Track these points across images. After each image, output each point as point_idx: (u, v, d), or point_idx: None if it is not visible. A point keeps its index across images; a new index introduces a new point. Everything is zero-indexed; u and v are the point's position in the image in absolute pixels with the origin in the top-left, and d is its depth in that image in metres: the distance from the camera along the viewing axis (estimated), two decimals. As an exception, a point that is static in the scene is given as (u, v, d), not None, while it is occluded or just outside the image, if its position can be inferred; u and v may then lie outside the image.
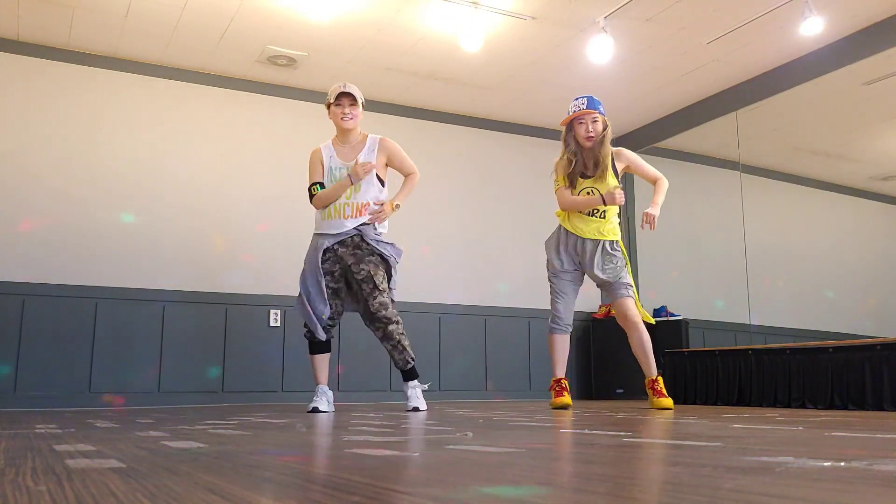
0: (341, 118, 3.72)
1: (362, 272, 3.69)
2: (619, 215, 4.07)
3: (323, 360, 3.78)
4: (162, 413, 3.54)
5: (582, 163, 3.91)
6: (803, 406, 3.81)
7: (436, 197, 5.91)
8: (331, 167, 3.75)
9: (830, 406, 3.68)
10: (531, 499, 0.81)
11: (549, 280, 4.02)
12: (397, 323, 3.72)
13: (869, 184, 5.78)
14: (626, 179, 6.69)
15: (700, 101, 5.88)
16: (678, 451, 1.39)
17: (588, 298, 6.11)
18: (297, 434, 2.06)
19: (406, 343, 3.75)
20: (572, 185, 3.92)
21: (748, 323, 5.52)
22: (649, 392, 3.90)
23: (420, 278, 5.71)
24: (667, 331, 6.00)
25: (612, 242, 3.93)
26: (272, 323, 5.20)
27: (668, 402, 3.79)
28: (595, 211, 3.90)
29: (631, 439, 1.73)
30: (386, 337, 3.72)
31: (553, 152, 4.11)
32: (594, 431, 2.04)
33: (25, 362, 4.53)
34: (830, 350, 3.78)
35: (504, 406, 4.38)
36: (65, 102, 4.90)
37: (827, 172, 5.98)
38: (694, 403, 4.46)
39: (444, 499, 0.82)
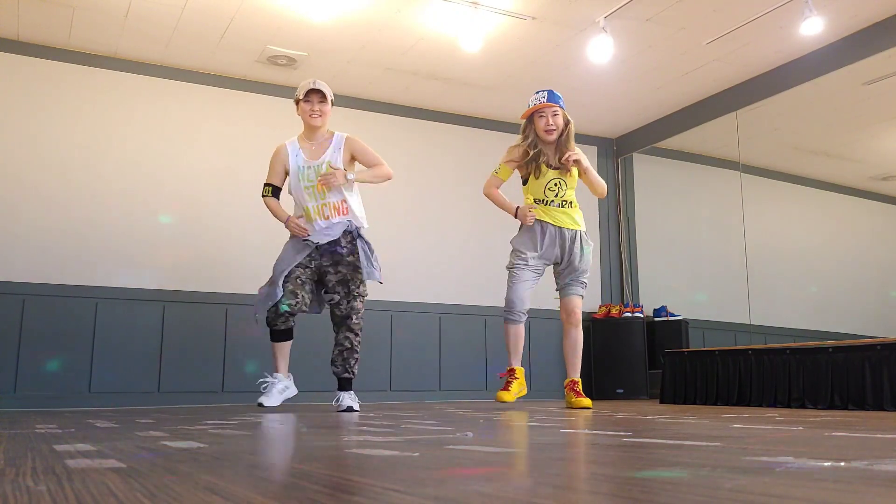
0: (310, 115, 3.68)
1: (339, 274, 3.70)
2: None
3: (282, 349, 3.74)
4: (162, 413, 3.54)
5: (544, 154, 3.94)
6: (803, 406, 3.80)
7: (436, 197, 5.92)
8: (298, 165, 3.71)
9: (830, 406, 3.67)
10: (532, 498, 0.81)
11: (512, 269, 3.96)
12: (356, 334, 3.72)
13: (869, 184, 5.77)
14: (627, 183, 6.70)
15: (700, 101, 5.88)
16: (678, 451, 1.39)
17: (588, 298, 6.10)
18: (297, 434, 2.06)
19: (355, 357, 3.75)
20: (537, 174, 3.93)
21: (748, 323, 5.52)
22: (569, 392, 3.96)
23: (420, 278, 5.71)
24: (667, 331, 6.01)
25: (585, 233, 4.02)
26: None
27: (587, 401, 3.87)
28: (564, 202, 3.93)
29: (631, 439, 1.73)
30: (342, 342, 3.73)
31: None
32: (594, 431, 2.04)
33: (25, 362, 4.53)
34: (830, 350, 3.78)
35: (504, 406, 4.38)
36: (65, 102, 4.89)
37: (827, 172, 5.98)
38: (694, 403, 4.46)
39: (444, 499, 0.82)
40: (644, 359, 5.96)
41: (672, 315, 6.08)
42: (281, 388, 3.69)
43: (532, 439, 1.75)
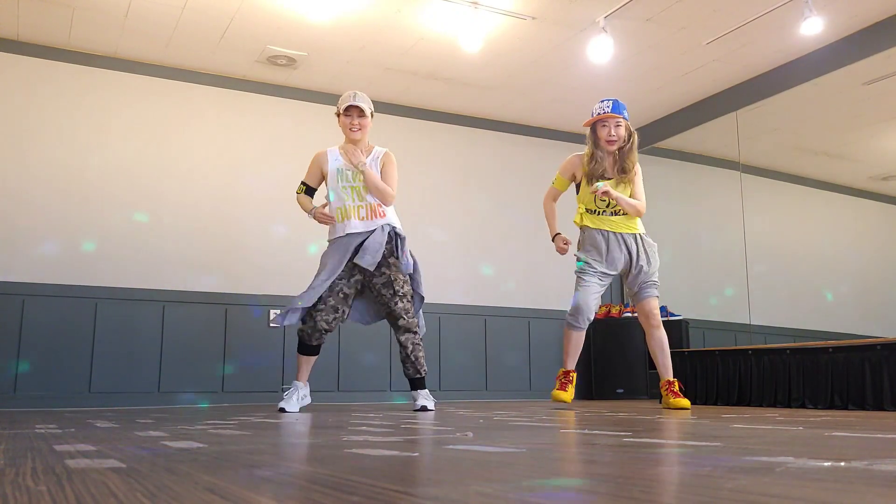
0: (350, 129, 3.80)
1: (383, 276, 3.74)
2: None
3: (308, 361, 3.83)
4: (162, 413, 3.54)
5: (602, 165, 3.89)
6: (803, 406, 3.80)
7: (435, 197, 5.92)
8: (337, 168, 3.81)
9: (830, 406, 3.67)
10: (532, 498, 0.81)
11: (581, 274, 3.89)
12: (414, 333, 3.78)
13: (869, 184, 5.77)
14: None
15: (700, 101, 5.88)
16: (678, 451, 1.38)
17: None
18: (297, 434, 2.06)
19: (419, 354, 3.79)
20: (591, 182, 3.89)
21: (748, 323, 5.52)
22: (665, 394, 3.89)
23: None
24: (667, 331, 6.00)
25: (644, 235, 3.95)
26: (272, 323, 5.20)
27: (685, 402, 3.78)
28: (616, 212, 3.88)
29: (631, 439, 1.73)
30: (400, 343, 3.80)
31: (553, 152, 4.14)
32: (594, 431, 2.04)
33: (26, 362, 4.53)
34: (830, 350, 3.77)
35: (504, 406, 4.38)
36: (65, 102, 4.89)
37: (827, 172, 5.98)
38: (694, 403, 4.46)
39: (444, 499, 0.82)
40: (644, 359, 5.95)
41: (672, 315, 6.07)
42: (301, 395, 3.77)
43: (532, 439, 1.75)
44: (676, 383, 3.88)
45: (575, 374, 4.00)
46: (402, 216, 5.75)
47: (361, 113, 3.78)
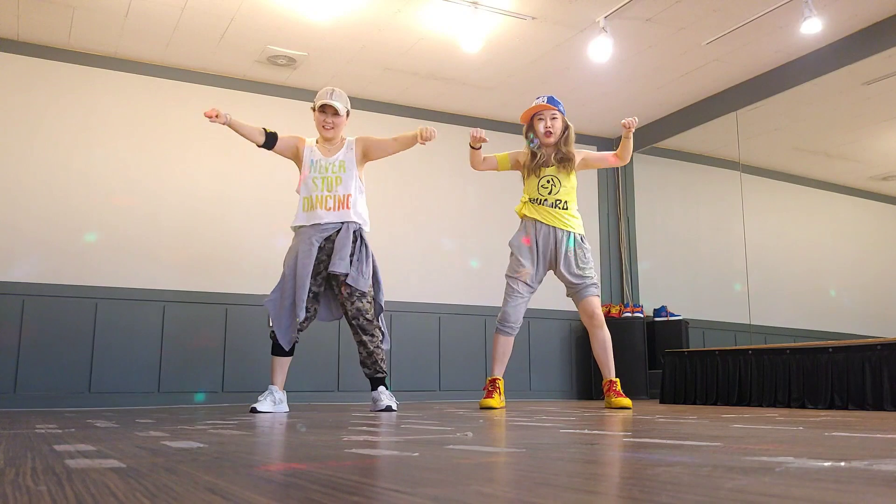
0: (323, 126, 3.84)
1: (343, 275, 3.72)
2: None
3: (283, 363, 3.77)
4: (162, 413, 3.54)
5: (543, 155, 4.01)
6: (803, 406, 3.80)
7: (435, 197, 5.92)
8: (312, 160, 3.85)
9: (830, 406, 3.67)
10: (532, 498, 0.81)
11: (509, 280, 4.02)
12: (372, 336, 3.71)
13: (869, 184, 5.77)
14: (627, 183, 6.70)
15: (700, 101, 5.88)
16: (678, 451, 1.38)
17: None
18: (297, 434, 2.06)
19: (380, 356, 3.73)
20: (538, 174, 3.99)
21: (748, 323, 5.52)
22: (608, 393, 3.97)
23: (420, 278, 5.71)
24: (667, 331, 6.00)
25: (581, 236, 4.01)
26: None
27: (627, 401, 3.86)
28: (557, 202, 3.95)
29: (631, 439, 1.73)
30: (360, 343, 3.74)
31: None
32: (594, 431, 2.04)
33: (25, 362, 4.53)
34: (830, 350, 3.77)
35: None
36: (65, 102, 4.89)
37: (827, 172, 5.98)
38: (694, 403, 4.46)
39: (444, 499, 0.82)
40: (644, 359, 5.96)
41: (672, 315, 6.07)
42: (277, 398, 3.70)
43: (532, 439, 1.75)
44: (618, 383, 3.97)
45: (502, 382, 4.06)
46: (401, 215, 5.78)
47: (336, 112, 3.82)
